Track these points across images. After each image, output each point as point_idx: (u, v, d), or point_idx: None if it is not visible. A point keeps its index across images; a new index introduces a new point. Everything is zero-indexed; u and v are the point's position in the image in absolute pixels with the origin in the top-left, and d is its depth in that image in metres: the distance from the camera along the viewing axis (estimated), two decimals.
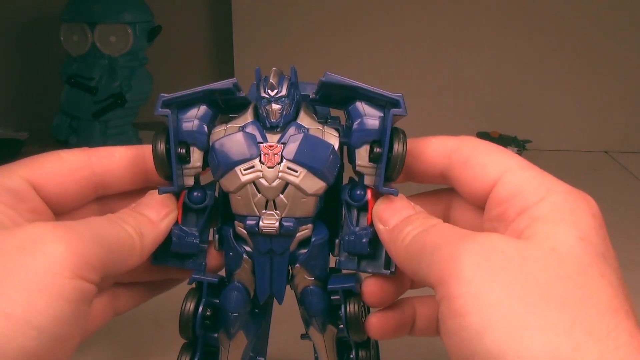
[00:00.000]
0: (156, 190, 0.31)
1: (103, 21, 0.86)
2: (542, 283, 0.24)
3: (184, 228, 0.32)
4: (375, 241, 0.31)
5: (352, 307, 0.32)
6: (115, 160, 0.33)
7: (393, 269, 0.31)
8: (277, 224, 0.30)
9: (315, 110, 0.33)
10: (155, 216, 0.31)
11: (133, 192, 0.34)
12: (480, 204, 0.31)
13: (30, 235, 0.25)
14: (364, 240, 0.31)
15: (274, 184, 0.30)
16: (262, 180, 0.30)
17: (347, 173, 0.33)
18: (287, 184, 0.30)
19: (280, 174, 0.30)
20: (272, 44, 1.02)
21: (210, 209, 0.32)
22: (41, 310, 0.24)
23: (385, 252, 0.31)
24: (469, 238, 0.26)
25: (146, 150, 0.33)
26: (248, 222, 0.30)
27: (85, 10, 0.86)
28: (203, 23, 1.09)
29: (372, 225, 0.31)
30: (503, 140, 0.89)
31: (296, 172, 0.30)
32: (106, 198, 0.34)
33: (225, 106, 0.32)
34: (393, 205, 0.31)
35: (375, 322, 0.33)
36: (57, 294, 0.24)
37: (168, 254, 0.32)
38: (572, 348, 0.22)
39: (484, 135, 0.91)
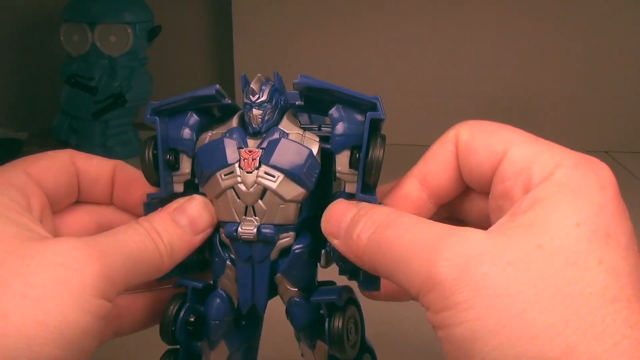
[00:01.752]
0: (199, 197, 0.31)
1: (103, 21, 0.86)
2: (526, 287, 0.23)
3: None
4: None
5: (335, 323, 0.30)
6: (93, 164, 0.33)
7: (377, 286, 0.30)
8: (255, 230, 0.30)
9: (310, 118, 0.33)
10: (191, 230, 0.30)
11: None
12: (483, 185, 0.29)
13: (63, 251, 0.26)
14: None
15: (252, 189, 0.29)
16: (241, 186, 0.29)
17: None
18: (265, 189, 0.29)
19: (258, 179, 0.29)
20: (272, 44, 1.02)
21: None
22: (72, 323, 0.25)
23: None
24: (443, 244, 0.24)
25: (119, 164, 0.34)
26: (228, 228, 0.30)
27: (85, 10, 0.86)
28: (203, 23, 1.09)
29: None
30: None
31: (273, 177, 0.29)
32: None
33: (222, 114, 0.32)
34: (334, 213, 0.29)
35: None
36: (86, 310, 0.25)
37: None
38: (563, 351, 0.22)
39: None
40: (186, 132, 0.31)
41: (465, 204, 0.32)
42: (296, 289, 0.31)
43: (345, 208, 0.29)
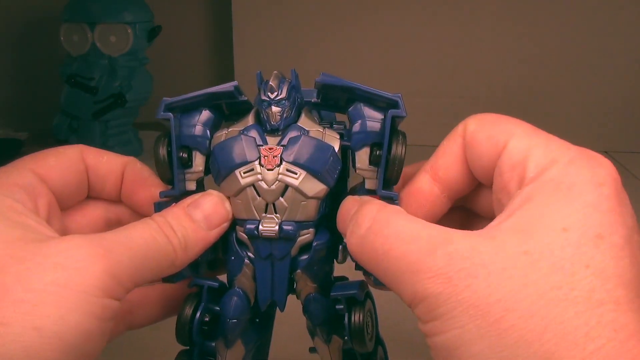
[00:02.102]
0: (214, 192, 0.31)
1: (103, 21, 0.86)
2: (508, 294, 0.23)
3: None
4: None
5: (356, 317, 0.31)
6: (103, 160, 0.33)
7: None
8: (277, 227, 0.30)
9: (320, 115, 0.33)
10: (206, 225, 0.30)
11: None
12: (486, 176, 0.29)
13: (65, 250, 0.25)
14: None
15: (274, 186, 0.29)
16: (262, 183, 0.29)
17: (356, 179, 0.32)
18: (286, 186, 0.29)
19: (279, 176, 0.29)
20: (272, 44, 1.02)
21: None
22: (72, 326, 0.24)
23: None
24: (427, 256, 0.24)
25: (130, 161, 0.33)
26: (248, 225, 0.30)
27: (85, 10, 0.86)
28: (203, 23, 1.09)
29: None
30: None
31: (295, 174, 0.29)
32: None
33: (230, 112, 0.32)
34: (342, 210, 0.29)
35: None
36: (88, 312, 0.25)
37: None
38: (540, 359, 0.22)
39: None
40: (200, 129, 0.31)
41: (476, 196, 0.32)
42: (315, 285, 0.32)
43: (351, 205, 0.29)
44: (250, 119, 0.31)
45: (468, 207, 0.33)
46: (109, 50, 0.87)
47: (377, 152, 0.30)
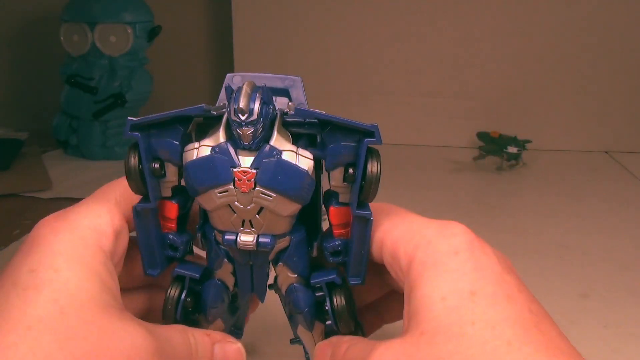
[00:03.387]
0: (240, 347, 0.33)
1: (103, 21, 0.86)
2: None
3: (176, 236, 0.33)
4: (345, 250, 0.32)
5: (338, 299, 0.33)
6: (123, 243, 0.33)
7: (360, 281, 0.33)
8: (255, 240, 0.31)
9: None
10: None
11: None
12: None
13: (134, 345, 0.27)
14: (330, 258, 0.33)
15: (249, 207, 0.30)
16: (237, 204, 0.30)
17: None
18: (261, 207, 0.30)
19: (254, 198, 0.29)
20: (272, 44, 1.02)
21: (189, 211, 0.34)
22: None
23: (354, 262, 0.32)
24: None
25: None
26: (227, 237, 0.31)
27: (85, 10, 0.86)
28: (203, 23, 1.09)
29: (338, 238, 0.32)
30: (503, 140, 0.89)
31: (270, 196, 0.29)
32: None
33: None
34: (316, 356, 0.33)
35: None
36: None
37: (158, 261, 0.33)
38: None
39: (484, 135, 0.91)
40: (171, 143, 0.31)
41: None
42: (295, 275, 0.33)
43: (323, 350, 0.32)
44: (221, 135, 0.30)
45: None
46: (109, 50, 0.87)
47: (351, 171, 0.30)
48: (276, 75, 0.33)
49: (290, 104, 0.32)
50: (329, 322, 0.34)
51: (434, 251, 0.28)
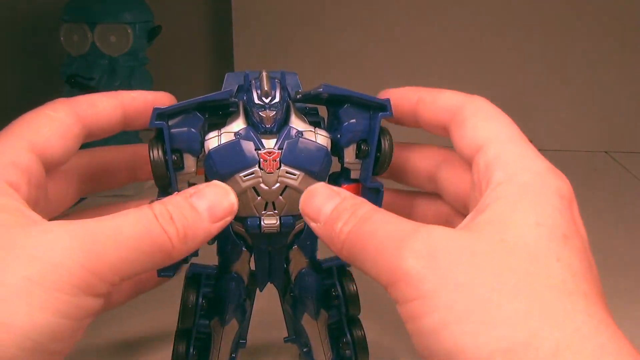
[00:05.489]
0: (220, 183, 0.30)
1: (103, 21, 0.86)
2: (492, 276, 0.24)
3: None
4: None
5: (350, 285, 0.36)
6: (99, 111, 0.32)
7: None
8: (278, 222, 0.32)
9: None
10: (209, 217, 0.28)
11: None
12: (468, 163, 0.31)
13: (44, 243, 0.24)
14: None
15: (274, 187, 0.31)
16: (262, 185, 0.31)
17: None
18: (286, 186, 0.31)
19: (279, 178, 0.30)
20: (272, 44, 1.02)
21: None
22: (40, 325, 0.24)
23: None
24: (411, 237, 0.25)
25: (125, 98, 0.32)
26: (249, 222, 0.32)
27: (85, 10, 0.86)
28: (203, 23, 1.09)
29: None
30: None
31: (294, 175, 0.31)
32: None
33: (211, 107, 0.33)
34: (316, 197, 0.30)
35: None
36: (60, 312, 0.24)
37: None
38: (528, 336, 0.23)
39: None
40: (191, 132, 0.31)
41: (447, 166, 0.35)
42: (307, 260, 0.35)
43: (328, 195, 0.30)
44: (241, 120, 0.31)
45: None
46: (109, 50, 0.87)
47: (363, 147, 0.33)
48: (272, 72, 0.33)
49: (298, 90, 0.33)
50: (332, 310, 0.36)
51: (541, 182, 0.27)
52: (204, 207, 0.28)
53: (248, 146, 0.30)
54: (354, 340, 0.36)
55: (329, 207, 0.29)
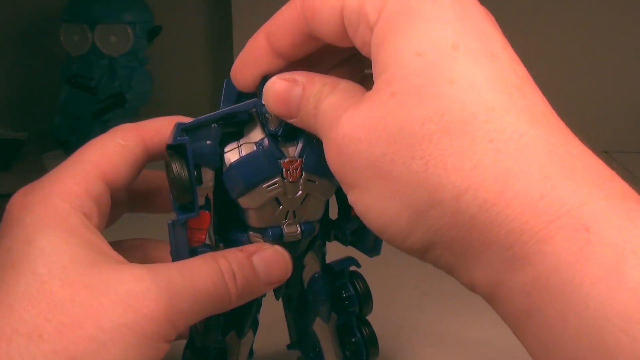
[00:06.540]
0: (277, 246, 0.31)
1: (103, 21, 0.86)
2: (394, 128, 0.23)
3: (206, 247, 0.32)
4: (361, 229, 0.35)
5: (360, 284, 0.36)
6: (164, 138, 0.31)
7: (379, 253, 0.35)
8: (299, 230, 0.32)
9: None
10: (266, 279, 0.31)
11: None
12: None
13: (136, 291, 0.26)
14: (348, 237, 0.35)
15: (297, 195, 0.31)
16: (285, 195, 0.31)
17: None
18: (307, 194, 0.31)
19: (301, 186, 0.31)
20: None
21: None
22: None
23: (371, 237, 0.34)
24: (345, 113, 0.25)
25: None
26: (271, 232, 0.31)
27: (85, 10, 0.86)
28: (203, 23, 1.09)
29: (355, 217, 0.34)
30: None
31: (315, 182, 0.31)
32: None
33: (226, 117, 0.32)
34: (280, 94, 0.29)
35: None
36: (147, 356, 0.26)
37: None
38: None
39: None
40: (210, 145, 0.30)
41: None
42: (319, 263, 0.35)
43: (289, 87, 0.28)
44: (259, 130, 0.31)
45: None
46: (109, 50, 0.87)
47: None
48: None
49: None
50: (344, 308, 0.36)
51: (412, 1, 0.24)
52: (262, 269, 0.30)
53: (270, 156, 0.30)
54: (364, 337, 0.36)
55: (295, 98, 0.28)
